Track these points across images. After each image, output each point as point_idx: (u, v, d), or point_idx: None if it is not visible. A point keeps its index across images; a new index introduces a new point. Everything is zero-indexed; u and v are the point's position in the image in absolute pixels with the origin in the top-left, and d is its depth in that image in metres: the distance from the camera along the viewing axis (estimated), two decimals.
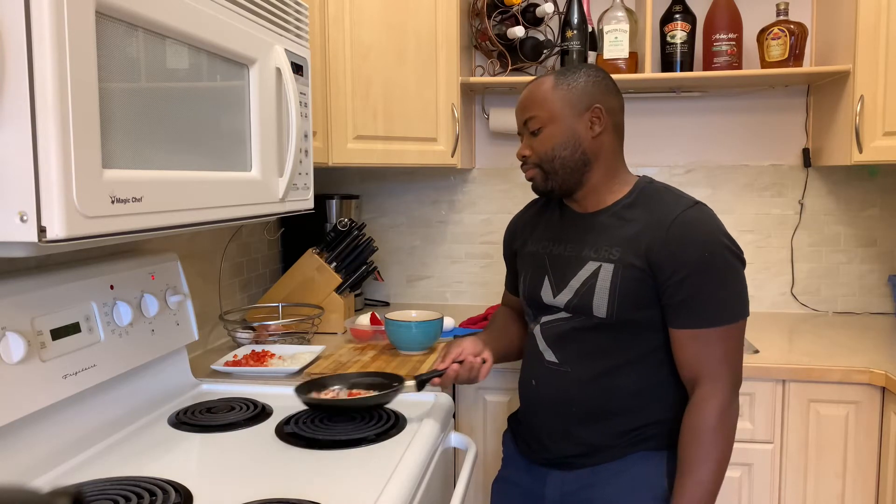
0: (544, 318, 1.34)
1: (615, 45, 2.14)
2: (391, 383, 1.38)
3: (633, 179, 1.32)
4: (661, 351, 1.26)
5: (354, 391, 1.40)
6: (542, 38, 2.26)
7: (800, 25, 2.08)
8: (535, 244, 1.41)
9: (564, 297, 1.29)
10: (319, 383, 1.40)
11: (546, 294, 1.33)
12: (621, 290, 1.23)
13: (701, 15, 2.20)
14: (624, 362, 1.26)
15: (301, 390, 1.34)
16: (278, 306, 2.08)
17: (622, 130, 1.33)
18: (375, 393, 1.32)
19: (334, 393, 1.39)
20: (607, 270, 1.24)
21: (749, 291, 2.37)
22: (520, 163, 1.42)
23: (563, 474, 1.30)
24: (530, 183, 1.35)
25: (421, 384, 1.35)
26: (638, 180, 1.32)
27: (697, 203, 1.24)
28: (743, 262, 1.23)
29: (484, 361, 1.37)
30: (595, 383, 1.27)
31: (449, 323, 2.07)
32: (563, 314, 1.30)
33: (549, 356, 1.32)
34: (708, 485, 1.18)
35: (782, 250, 2.38)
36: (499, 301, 2.56)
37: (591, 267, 1.27)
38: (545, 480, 1.32)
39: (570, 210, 1.37)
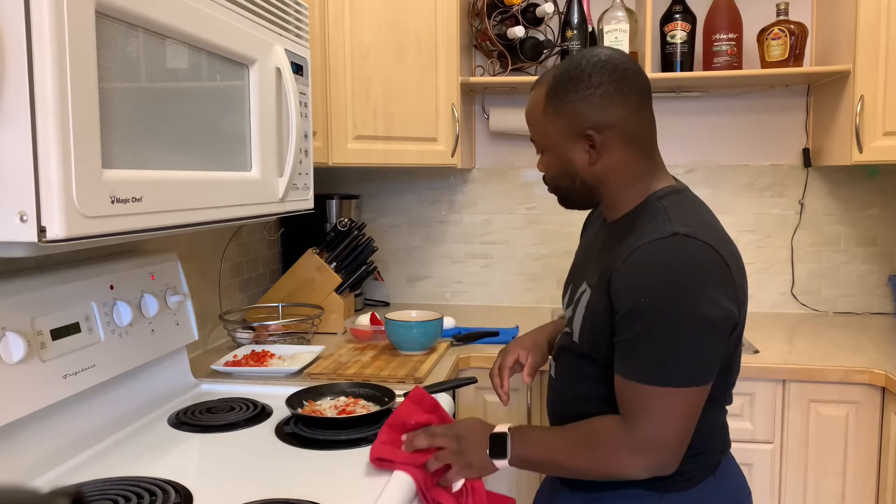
0: (565, 329, 1.26)
1: (615, 45, 2.14)
2: (383, 398, 1.39)
3: (656, 188, 1.13)
4: None
5: (348, 399, 1.41)
6: (542, 38, 2.26)
7: (800, 25, 2.08)
8: (580, 248, 1.33)
9: (569, 312, 1.22)
10: (312, 392, 1.41)
11: (565, 302, 1.27)
12: (590, 319, 1.11)
13: (701, 15, 2.20)
14: (597, 390, 1.12)
15: (292, 403, 1.35)
16: (278, 306, 2.07)
17: (639, 135, 1.12)
18: (365, 412, 1.32)
19: (329, 404, 1.39)
20: (586, 295, 1.13)
21: (749, 292, 2.38)
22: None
23: (569, 493, 1.19)
24: None
25: None
26: (652, 193, 1.12)
27: (674, 235, 1.01)
28: (709, 322, 0.99)
29: (522, 365, 1.38)
30: (575, 403, 1.18)
31: (449, 323, 2.07)
32: (567, 329, 1.23)
33: (552, 370, 1.27)
34: (534, 452, 1.10)
35: (782, 250, 2.38)
36: (498, 301, 2.56)
37: (581, 287, 1.16)
38: (556, 495, 1.24)
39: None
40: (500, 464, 1.11)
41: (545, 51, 2.26)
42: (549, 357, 1.34)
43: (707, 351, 1.01)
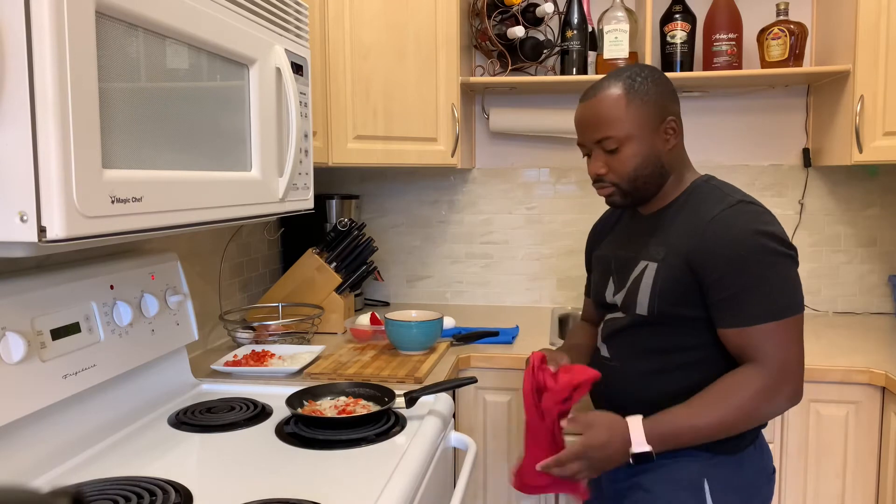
0: (607, 316, 1.39)
1: (615, 45, 2.14)
2: (383, 398, 1.39)
3: (693, 177, 1.33)
4: (710, 350, 1.25)
5: (348, 399, 1.41)
6: (542, 38, 2.26)
7: (800, 25, 2.08)
8: (606, 247, 1.44)
9: (621, 295, 1.33)
10: (312, 392, 1.41)
11: (609, 293, 1.37)
12: (662, 289, 1.24)
13: (701, 15, 2.20)
14: (669, 360, 1.26)
15: (292, 403, 1.35)
16: (278, 306, 2.08)
17: (682, 128, 1.32)
18: (365, 412, 1.32)
19: (329, 404, 1.39)
20: (652, 269, 1.26)
21: None
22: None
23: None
24: (605, 199, 1.34)
25: (411, 401, 1.36)
26: (696, 178, 1.32)
27: (740, 202, 1.22)
28: (790, 257, 1.19)
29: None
30: (643, 379, 1.29)
31: (449, 323, 2.07)
32: (619, 312, 1.34)
33: (604, 351, 1.37)
34: (683, 430, 1.19)
35: None
36: (498, 301, 2.56)
37: (641, 266, 1.29)
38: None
39: (637, 212, 1.40)
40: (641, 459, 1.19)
41: (545, 51, 2.26)
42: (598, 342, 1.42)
43: (798, 282, 1.21)
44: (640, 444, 1.18)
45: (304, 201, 1.45)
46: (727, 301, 1.19)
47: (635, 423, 1.20)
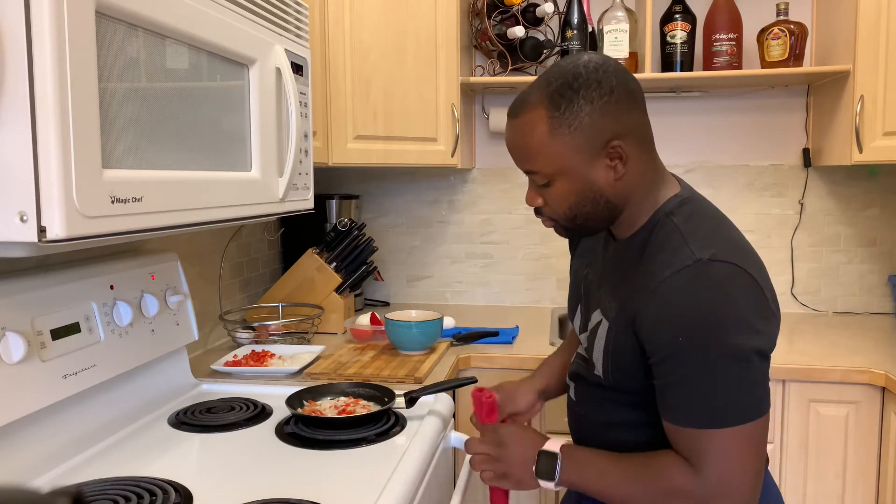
0: (578, 350, 1.21)
1: (615, 45, 2.14)
2: (383, 398, 1.39)
3: (660, 200, 1.04)
4: None
5: (348, 399, 1.41)
6: (542, 38, 2.26)
7: (800, 25, 2.08)
8: (580, 256, 1.24)
9: (584, 339, 1.14)
10: (312, 392, 1.41)
11: (576, 323, 1.19)
12: (614, 355, 1.04)
13: (701, 15, 2.20)
14: (630, 421, 1.08)
15: (292, 403, 1.35)
16: (278, 306, 2.08)
17: (649, 137, 1.03)
18: (365, 412, 1.32)
19: (329, 404, 1.39)
20: (604, 328, 1.06)
21: None
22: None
23: None
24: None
25: (411, 401, 1.36)
26: (659, 208, 1.04)
27: (698, 262, 0.93)
28: (755, 350, 0.93)
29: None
30: (606, 432, 1.11)
31: (449, 323, 2.07)
32: (586, 369, 1.15)
33: (571, 392, 1.20)
34: (587, 480, 1.03)
35: (782, 250, 2.38)
36: (498, 301, 2.56)
37: (596, 318, 1.09)
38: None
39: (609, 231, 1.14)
40: (546, 485, 1.04)
41: (545, 51, 2.26)
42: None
43: (758, 381, 0.94)
44: (552, 446, 1.06)
45: (304, 201, 1.45)
46: (665, 389, 0.97)
47: (556, 440, 1.08)
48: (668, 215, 1.02)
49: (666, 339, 0.94)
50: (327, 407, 1.37)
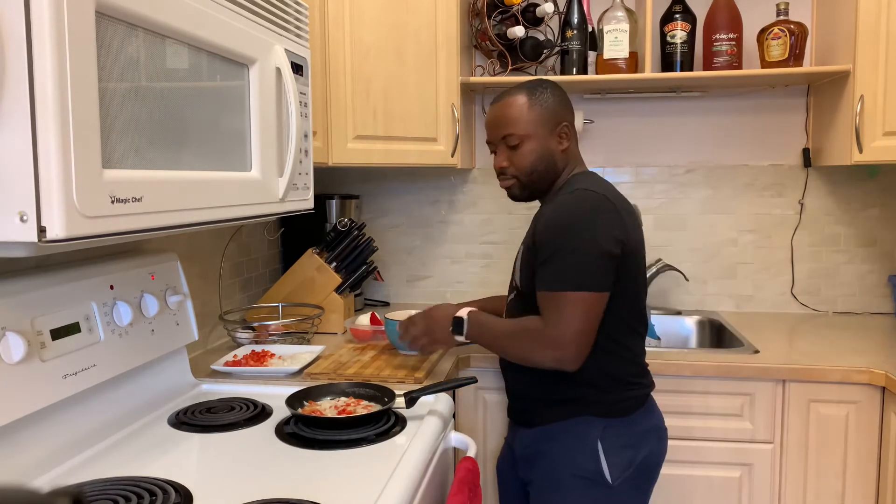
0: (508, 297, 1.60)
1: (615, 45, 2.14)
2: (383, 398, 1.39)
3: (574, 172, 1.52)
4: None
5: (348, 399, 1.41)
6: (542, 38, 2.26)
7: (800, 25, 2.08)
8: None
9: (515, 276, 1.54)
10: (312, 392, 1.41)
11: (514, 274, 1.56)
12: (524, 265, 1.46)
13: (701, 15, 2.20)
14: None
15: (292, 403, 1.35)
16: (278, 306, 2.08)
17: (576, 134, 1.55)
18: (365, 412, 1.32)
19: (329, 405, 1.39)
20: (521, 250, 1.50)
21: (749, 291, 2.39)
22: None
23: (525, 431, 1.51)
24: (505, 190, 1.54)
25: (411, 401, 1.36)
26: (574, 175, 1.50)
27: (580, 189, 1.40)
28: (597, 243, 1.33)
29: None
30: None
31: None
32: (514, 292, 1.55)
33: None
34: (482, 336, 1.47)
35: (782, 250, 2.38)
36: None
37: (519, 250, 1.52)
38: (515, 436, 1.56)
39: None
40: (459, 338, 1.50)
41: (545, 51, 2.26)
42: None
43: (597, 265, 1.34)
44: (462, 313, 1.50)
45: (304, 201, 1.45)
46: (539, 266, 1.38)
47: (465, 309, 1.53)
48: (574, 176, 1.50)
49: (545, 233, 1.38)
50: (327, 407, 1.37)
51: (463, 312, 1.51)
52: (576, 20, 2.19)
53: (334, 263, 2.11)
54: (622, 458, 1.41)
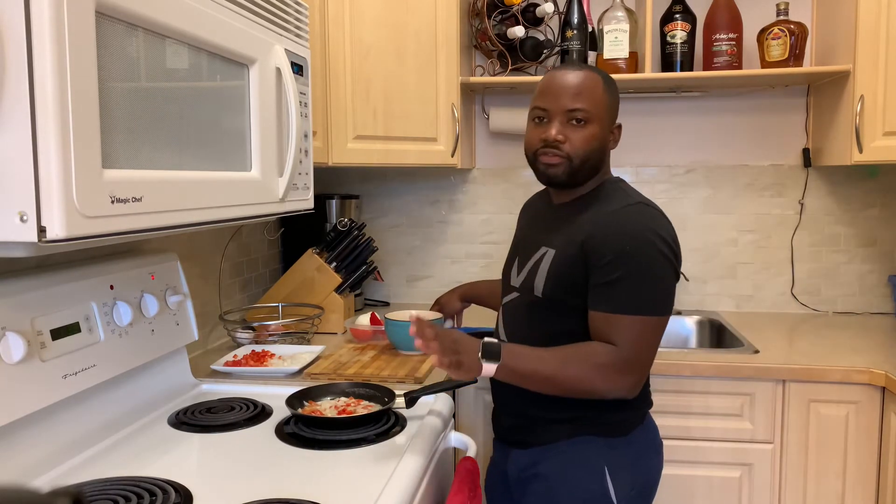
0: (506, 299, 1.46)
1: (615, 45, 2.14)
2: (383, 398, 1.39)
3: (605, 178, 1.41)
4: (589, 338, 1.32)
5: (348, 399, 1.41)
6: (542, 38, 2.26)
7: (800, 25, 2.08)
8: (521, 230, 1.53)
9: (521, 278, 1.41)
10: (312, 392, 1.41)
11: (513, 274, 1.45)
12: (556, 273, 1.32)
13: (701, 15, 2.20)
14: (554, 342, 1.29)
15: (292, 403, 1.35)
16: (278, 306, 2.07)
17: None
18: (365, 412, 1.32)
19: (328, 405, 1.39)
20: (550, 255, 1.35)
21: (749, 292, 2.39)
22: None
23: (520, 452, 1.40)
24: (545, 167, 1.35)
25: (411, 401, 1.36)
26: (607, 179, 1.40)
27: (639, 203, 1.31)
28: (671, 263, 1.27)
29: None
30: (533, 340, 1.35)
31: (449, 323, 2.07)
32: (516, 294, 1.42)
33: (502, 335, 1.45)
34: (524, 364, 1.24)
35: (782, 250, 2.38)
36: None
37: (541, 252, 1.37)
38: (508, 458, 1.43)
39: (551, 201, 1.47)
40: (488, 368, 1.23)
41: (545, 51, 2.26)
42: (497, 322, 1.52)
43: (670, 287, 1.29)
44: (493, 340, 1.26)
45: (304, 201, 1.45)
46: (603, 286, 1.26)
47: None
48: (613, 183, 1.39)
49: (617, 246, 1.25)
50: (327, 407, 1.37)
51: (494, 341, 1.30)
52: (576, 20, 2.18)
53: (334, 263, 2.11)
54: (626, 478, 1.34)
